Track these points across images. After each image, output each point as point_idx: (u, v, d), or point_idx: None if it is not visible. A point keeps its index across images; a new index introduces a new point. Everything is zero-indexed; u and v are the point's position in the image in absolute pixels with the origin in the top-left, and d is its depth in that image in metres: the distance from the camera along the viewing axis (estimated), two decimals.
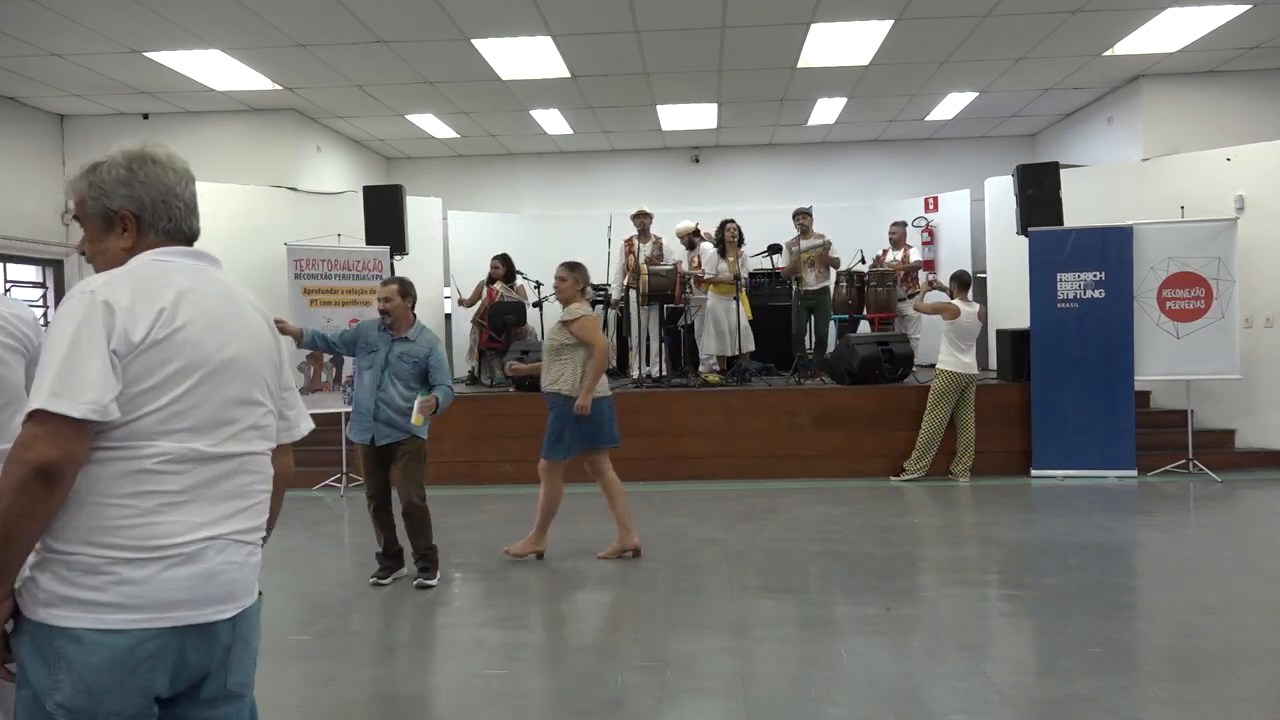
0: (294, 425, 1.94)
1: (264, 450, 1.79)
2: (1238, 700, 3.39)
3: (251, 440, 1.75)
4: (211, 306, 1.71)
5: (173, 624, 1.58)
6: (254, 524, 1.75)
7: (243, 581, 1.71)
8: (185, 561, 1.60)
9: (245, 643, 1.73)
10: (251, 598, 1.75)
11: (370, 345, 5.20)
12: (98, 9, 7.10)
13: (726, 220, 9.46)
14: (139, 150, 1.79)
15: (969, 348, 7.92)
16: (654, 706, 3.47)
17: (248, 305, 1.83)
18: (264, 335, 1.84)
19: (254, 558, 1.75)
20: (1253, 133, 9.31)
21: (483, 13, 7.38)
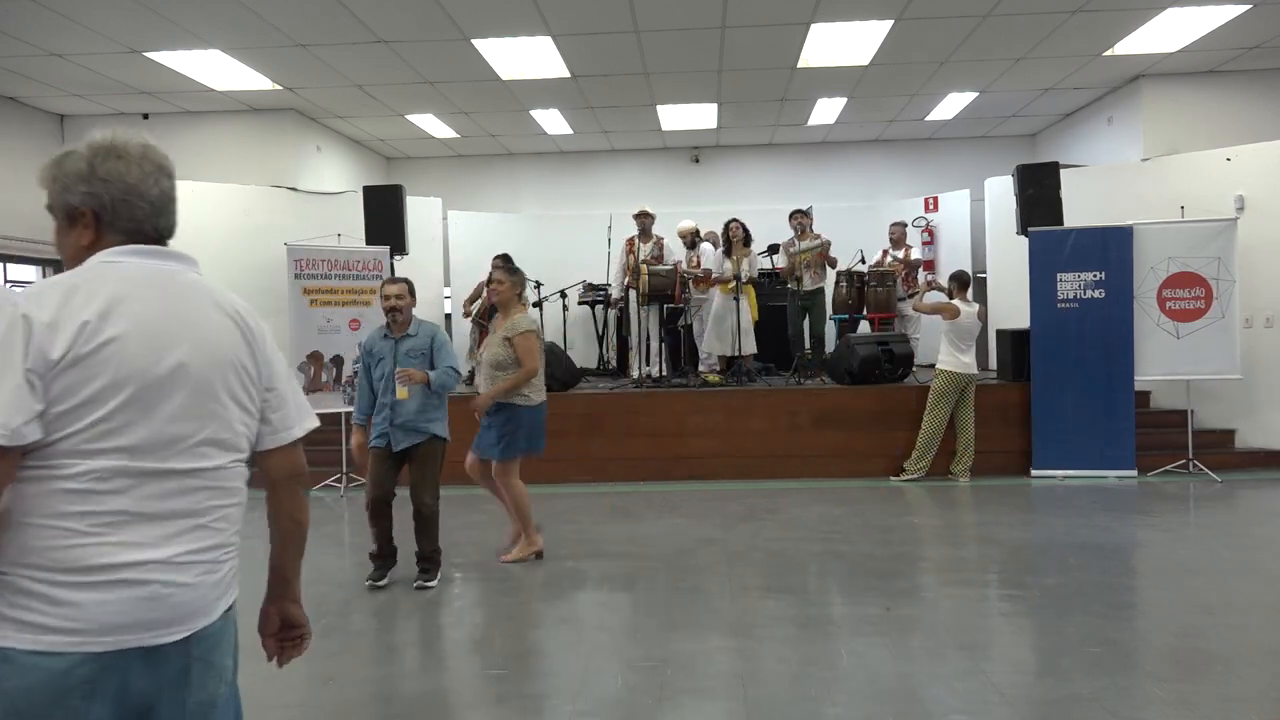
0: (281, 428, 1.80)
1: (225, 463, 1.67)
2: (1238, 700, 3.39)
3: (208, 454, 1.63)
4: (152, 313, 1.60)
5: (111, 648, 1.50)
6: (211, 542, 1.63)
7: (196, 603, 1.60)
8: (125, 584, 1.51)
9: (207, 663, 1.64)
10: (210, 617, 1.64)
11: (378, 356, 5.18)
12: (98, 9, 7.10)
13: (730, 220, 9.46)
14: (106, 143, 1.67)
15: (969, 348, 7.92)
16: (654, 706, 3.47)
17: (209, 307, 1.70)
18: (224, 338, 1.70)
19: (213, 575, 1.64)
20: (1253, 133, 9.31)
21: (483, 13, 7.38)
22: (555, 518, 6.93)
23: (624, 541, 6.15)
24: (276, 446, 1.80)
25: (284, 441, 1.81)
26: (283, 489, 1.85)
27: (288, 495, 1.85)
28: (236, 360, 1.72)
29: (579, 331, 11.39)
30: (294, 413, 1.83)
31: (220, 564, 1.66)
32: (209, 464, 1.64)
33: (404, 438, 5.07)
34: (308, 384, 8.47)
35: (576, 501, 7.59)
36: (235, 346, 1.73)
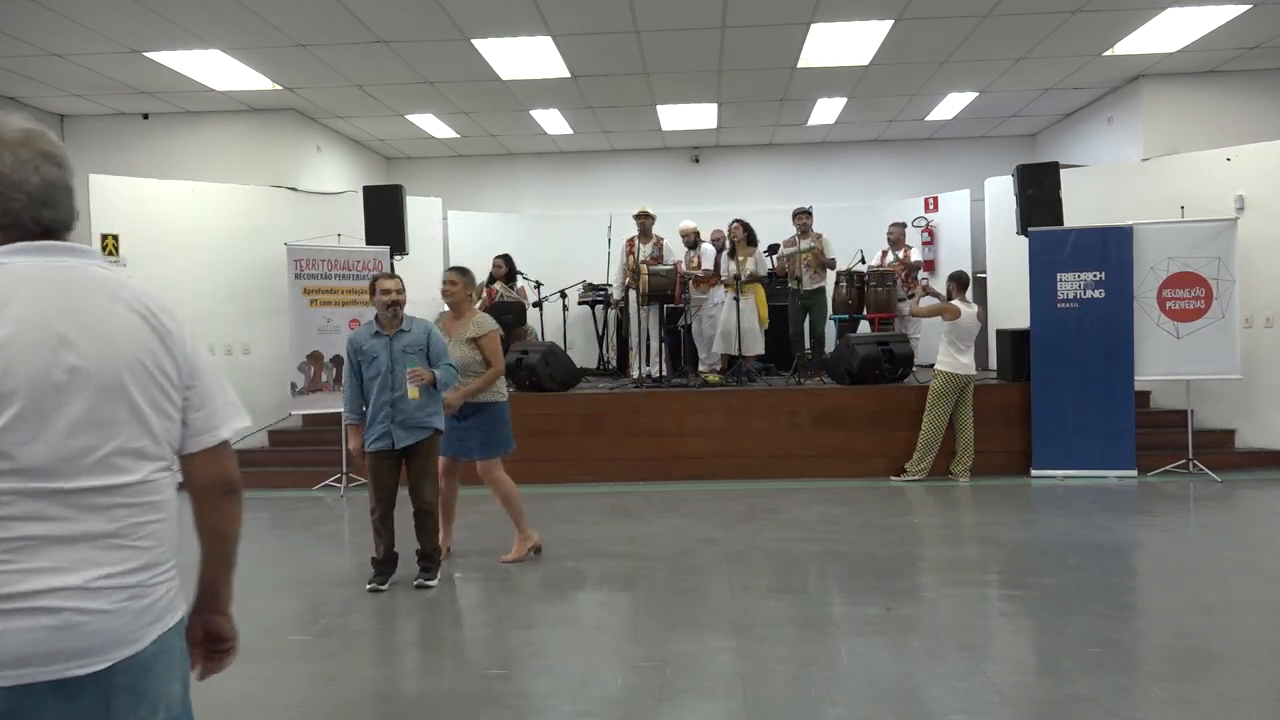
0: (202, 430, 1.63)
1: (147, 475, 1.52)
2: (1238, 700, 3.39)
3: (122, 467, 1.49)
4: (40, 315, 1.45)
5: (14, 682, 1.38)
6: (135, 564, 1.49)
7: (117, 631, 1.46)
8: (32, 613, 1.39)
9: (135, 693, 1.49)
10: (135, 646, 1.49)
11: (370, 354, 5.12)
12: (98, 9, 7.10)
13: (733, 221, 9.46)
14: None
15: (968, 348, 7.93)
16: (654, 706, 3.47)
17: (111, 302, 1.53)
18: (128, 335, 1.53)
19: (140, 601, 1.49)
20: (1253, 133, 9.31)
21: (483, 13, 7.38)
22: (555, 518, 6.93)
23: (624, 541, 6.15)
24: (197, 451, 1.62)
25: (205, 445, 1.63)
26: (204, 499, 1.67)
27: (210, 506, 1.68)
28: (146, 359, 1.54)
29: (579, 331, 11.39)
30: (218, 413, 1.65)
31: (149, 587, 1.52)
32: (126, 479, 1.49)
33: (406, 435, 5.05)
34: (307, 384, 8.47)
35: (576, 501, 7.59)
36: (143, 344, 1.54)
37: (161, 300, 1.62)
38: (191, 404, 1.62)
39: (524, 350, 8.90)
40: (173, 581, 1.58)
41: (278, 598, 5.08)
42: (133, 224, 8.67)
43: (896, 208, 11.71)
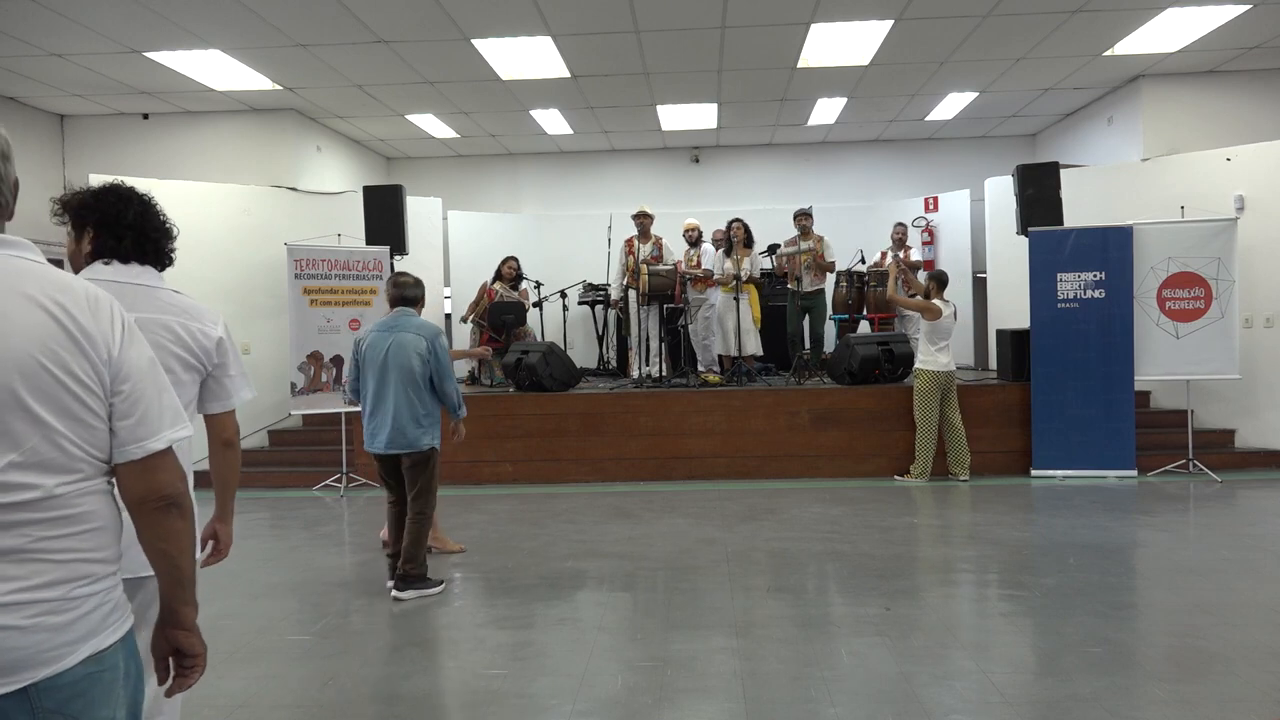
0: (128, 440, 1.49)
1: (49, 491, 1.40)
2: (1238, 700, 3.39)
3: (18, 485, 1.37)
4: None
5: None
6: (50, 578, 1.38)
7: (31, 648, 1.36)
8: None
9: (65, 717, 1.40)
10: (57, 665, 1.39)
11: None
12: (98, 9, 7.10)
13: (733, 220, 9.47)
14: None
15: (946, 346, 7.96)
16: (654, 706, 3.47)
17: (17, 298, 1.40)
18: (24, 333, 1.39)
19: (59, 616, 1.38)
20: (1253, 133, 9.32)
21: (483, 13, 7.38)
22: (555, 518, 6.94)
23: (624, 541, 6.15)
24: (123, 462, 1.49)
25: (131, 456, 1.49)
26: (137, 514, 1.53)
27: (144, 522, 1.54)
28: (46, 359, 1.40)
29: (579, 331, 11.40)
30: (149, 421, 1.51)
31: (70, 601, 1.41)
32: (26, 496, 1.37)
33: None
34: (307, 384, 8.47)
35: (576, 501, 7.59)
36: (42, 343, 1.40)
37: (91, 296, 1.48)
38: (117, 411, 1.48)
39: (524, 350, 8.90)
40: (106, 596, 1.46)
41: (278, 598, 5.08)
42: None
43: (896, 208, 11.71)
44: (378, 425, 5.00)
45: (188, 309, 2.36)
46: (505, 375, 9.22)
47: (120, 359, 1.49)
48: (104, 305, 1.50)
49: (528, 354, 8.83)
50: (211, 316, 2.41)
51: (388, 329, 5.05)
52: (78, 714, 1.40)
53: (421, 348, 5.00)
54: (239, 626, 4.56)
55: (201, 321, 2.36)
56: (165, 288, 2.36)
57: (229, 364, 2.41)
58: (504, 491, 8.13)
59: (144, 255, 2.34)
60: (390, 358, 4.97)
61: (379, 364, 4.98)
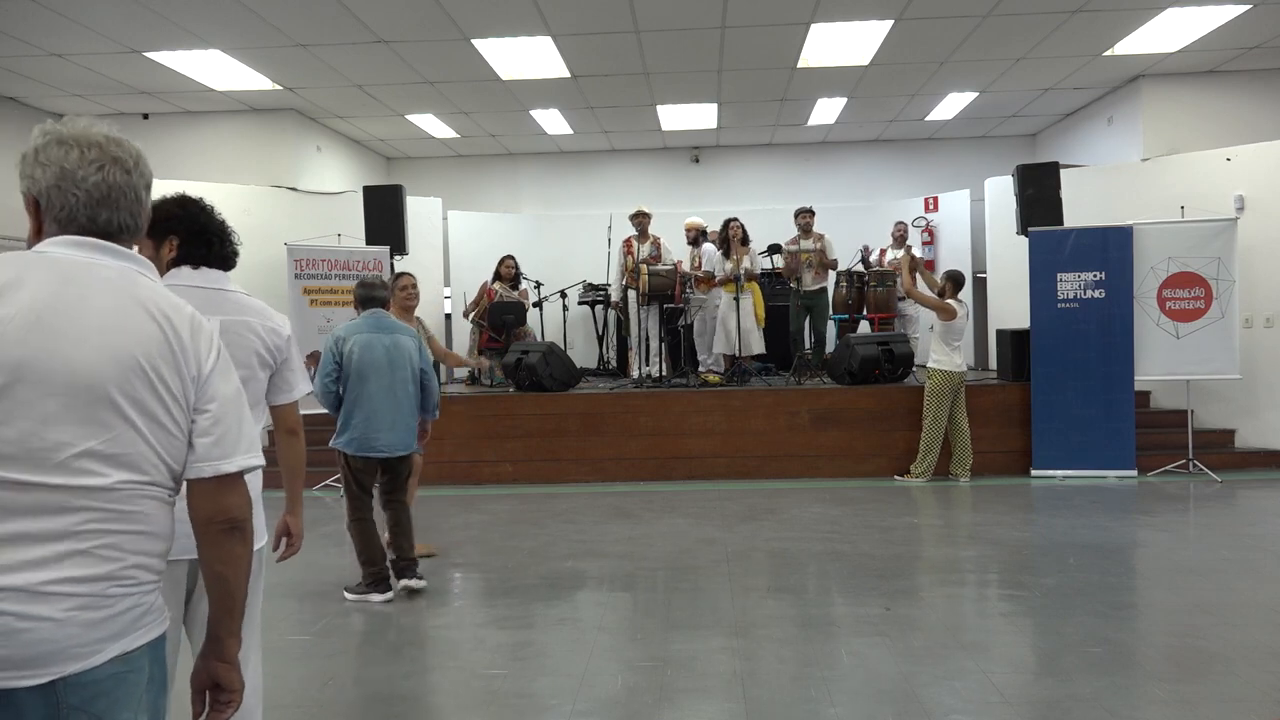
0: (202, 458, 1.53)
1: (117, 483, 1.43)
2: (1238, 700, 3.39)
3: (91, 470, 1.40)
4: (45, 301, 1.42)
5: None
6: (94, 572, 1.39)
7: (63, 641, 1.35)
8: None
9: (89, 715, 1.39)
10: (87, 661, 1.38)
11: None
12: (97, 9, 7.10)
13: (730, 219, 9.48)
14: (57, 129, 1.54)
15: (959, 346, 7.95)
16: (654, 706, 3.47)
17: (129, 303, 1.49)
18: (135, 338, 1.47)
19: (93, 613, 1.38)
20: (1253, 133, 9.32)
21: (483, 13, 7.38)
22: (555, 518, 6.94)
23: (624, 541, 6.15)
24: (194, 479, 1.54)
25: (202, 474, 1.54)
26: (201, 533, 1.57)
27: (206, 542, 1.57)
28: (146, 364, 1.47)
29: (579, 331, 11.40)
30: (225, 444, 1.55)
31: (110, 599, 1.41)
32: (92, 481, 1.40)
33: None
34: None
35: (576, 501, 7.59)
36: (149, 350, 1.48)
37: (191, 315, 1.57)
38: (199, 428, 1.54)
39: (524, 350, 8.90)
40: (143, 598, 1.47)
41: (278, 598, 5.08)
42: None
43: (896, 208, 11.72)
44: (376, 427, 4.85)
45: (260, 309, 2.53)
46: (505, 375, 9.22)
47: (209, 380, 1.56)
48: (204, 331, 1.59)
49: (528, 354, 8.83)
50: (280, 316, 2.59)
51: (377, 330, 4.90)
52: (101, 713, 1.40)
53: (415, 348, 4.99)
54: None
55: (273, 320, 2.54)
56: (237, 290, 2.51)
57: (293, 358, 2.58)
58: (504, 491, 8.13)
59: (227, 262, 2.52)
60: (393, 359, 4.88)
61: (378, 366, 4.84)
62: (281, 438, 2.63)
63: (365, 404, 4.86)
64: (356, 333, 4.89)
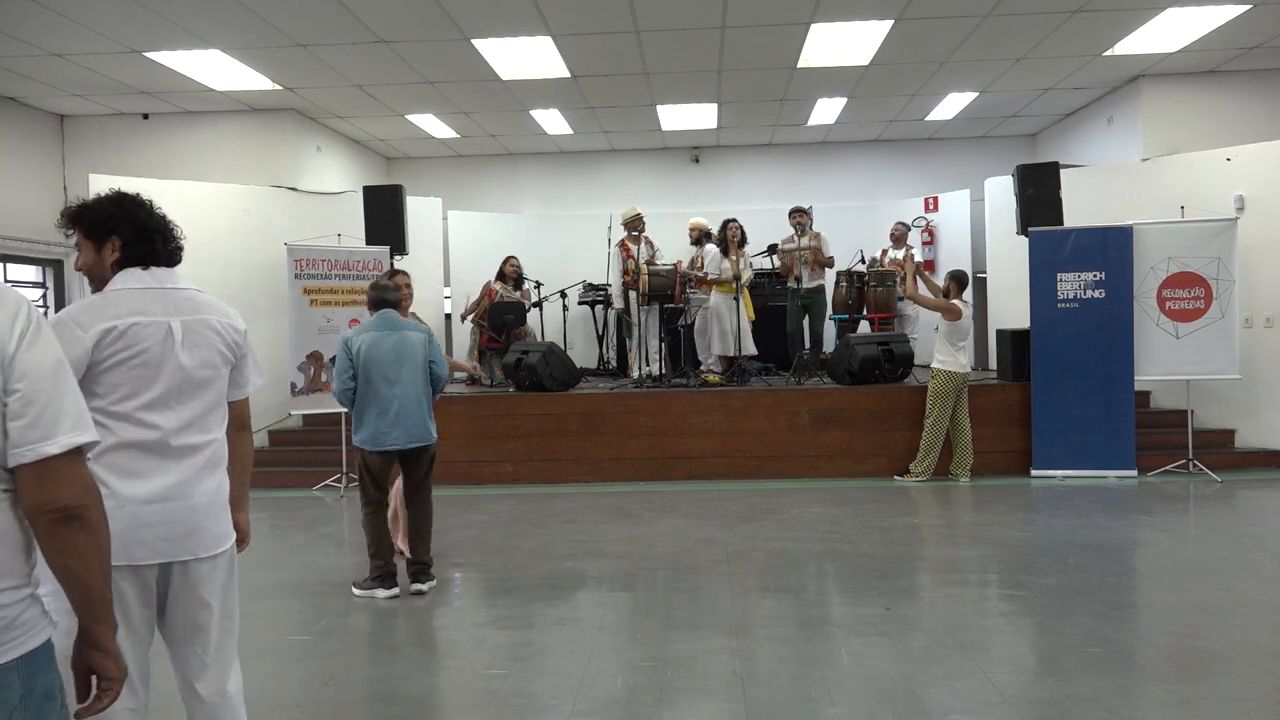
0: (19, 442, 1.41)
1: None
2: (1238, 700, 3.39)
3: None
4: None
5: None
6: None
7: None
8: None
9: None
10: None
11: None
12: (98, 9, 7.10)
13: (729, 220, 9.49)
14: None
15: (965, 347, 7.94)
16: (654, 706, 3.47)
17: None
18: None
19: None
20: (1253, 133, 9.31)
21: (483, 13, 7.38)
22: (555, 518, 6.94)
23: (624, 541, 6.15)
24: (14, 466, 1.41)
25: (22, 460, 1.40)
26: (35, 526, 1.45)
27: (42, 534, 1.45)
28: None
29: (579, 331, 11.40)
30: (42, 424, 1.42)
31: None
32: None
33: None
34: (307, 384, 8.47)
35: (576, 501, 7.59)
36: None
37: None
38: (10, 412, 1.40)
39: (524, 350, 8.90)
40: (4, 611, 1.39)
41: (278, 598, 5.08)
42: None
43: (896, 208, 11.71)
44: (391, 422, 4.94)
45: (215, 306, 2.46)
46: (505, 375, 9.22)
47: (16, 358, 1.42)
48: (5, 304, 1.43)
49: (528, 354, 8.83)
50: (233, 310, 2.54)
51: (385, 329, 5.03)
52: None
53: (423, 341, 5.08)
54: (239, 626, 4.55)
55: (228, 316, 2.48)
56: (190, 287, 2.42)
57: (248, 353, 2.54)
58: (504, 491, 8.13)
59: (173, 258, 2.41)
60: (404, 355, 4.99)
61: (390, 362, 4.96)
62: (232, 433, 2.53)
63: (377, 400, 4.98)
64: (364, 332, 5.05)
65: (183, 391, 2.31)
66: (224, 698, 2.44)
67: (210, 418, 2.38)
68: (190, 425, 2.32)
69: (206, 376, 2.37)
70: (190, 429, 2.32)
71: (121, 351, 2.21)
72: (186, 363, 2.31)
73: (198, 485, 2.31)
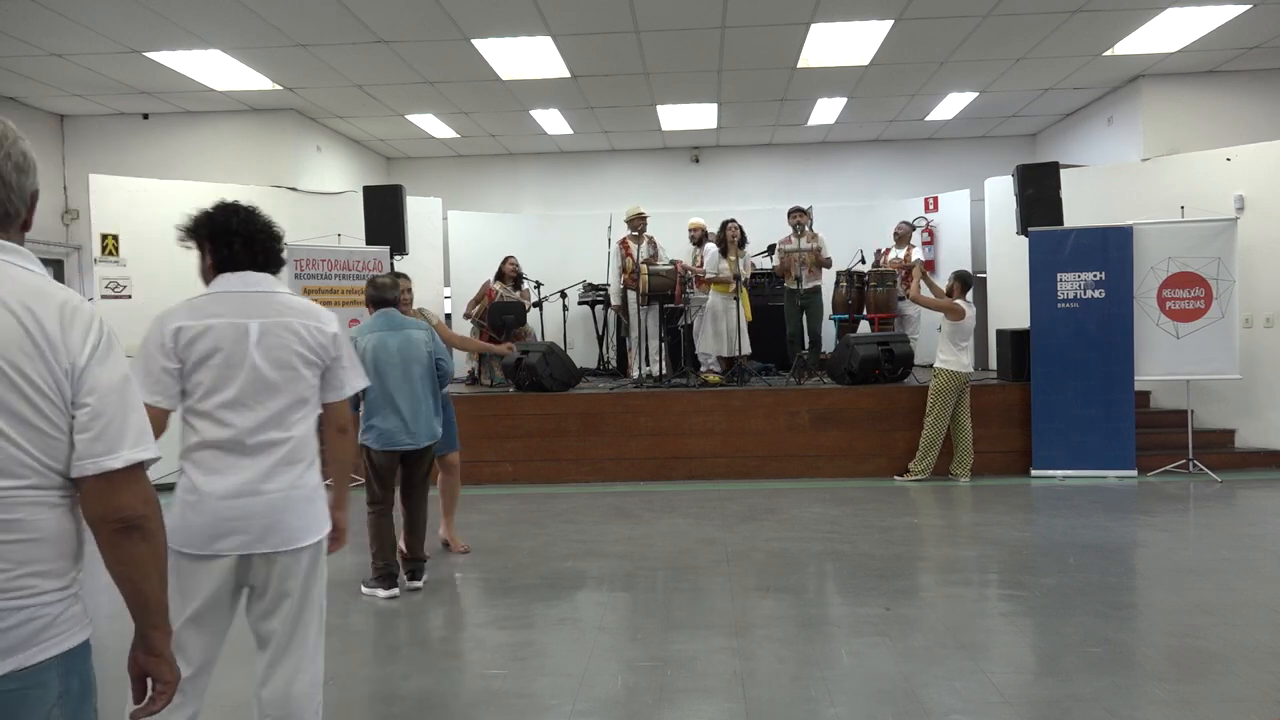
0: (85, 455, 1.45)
1: None
2: (1238, 700, 3.39)
3: None
4: None
5: None
6: None
7: None
8: None
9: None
10: None
11: None
12: (98, 9, 7.10)
13: (728, 220, 9.49)
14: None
15: (968, 347, 7.94)
16: (654, 706, 3.47)
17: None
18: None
19: None
20: (1253, 133, 9.31)
21: (483, 13, 7.38)
22: (555, 518, 6.94)
23: (624, 541, 6.15)
24: (79, 477, 1.46)
25: (86, 472, 1.44)
26: (96, 534, 1.50)
27: (103, 543, 1.50)
28: (5, 363, 1.39)
29: (579, 331, 11.39)
30: (108, 438, 1.46)
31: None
32: None
33: None
34: None
35: (576, 501, 7.59)
36: (6, 346, 1.40)
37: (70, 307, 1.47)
38: (78, 424, 1.44)
39: (524, 350, 8.90)
40: (42, 609, 1.41)
41: None
42: (132, 224, 8.66)
43: (896, 208, 11.71)
44: (401, 422, 4.94)
45: (305, 309, 2.57)
46: (505, 375, 9.22)
47: (86, 372, 1.46)
48: (80, 318, 1.46)
49: (528, 354, 8.83)
50: (327, 315, 2.62)
51: (388, 328, 5.03)
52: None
53: (425, 339, 5.09)
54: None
55: (319, 320, 2.56)
56: (282, 291, 2.55)
57: (343, 356, 2.62)
58: (504, 491, 8.13)
59: (256, 262, 2.54)
60: (410, 354, 5.00)
61: (394, 362, 4.95)
62: (330, 435, 2.65)
63: (384, 400, 4.97)
64: (369, 332, 5.04)
65: (259, 390, 2.41)
66: (288, 697, 2.49)
67: (289, 416, 2.46)
68: (267, 424, 2.42)
69: (284, 376, 2.46)
70: (267, 427, 2.41)
71: (199, 351, 2.36)
72: (261, 363, 2.41)
73: (272, 481, 2.40)
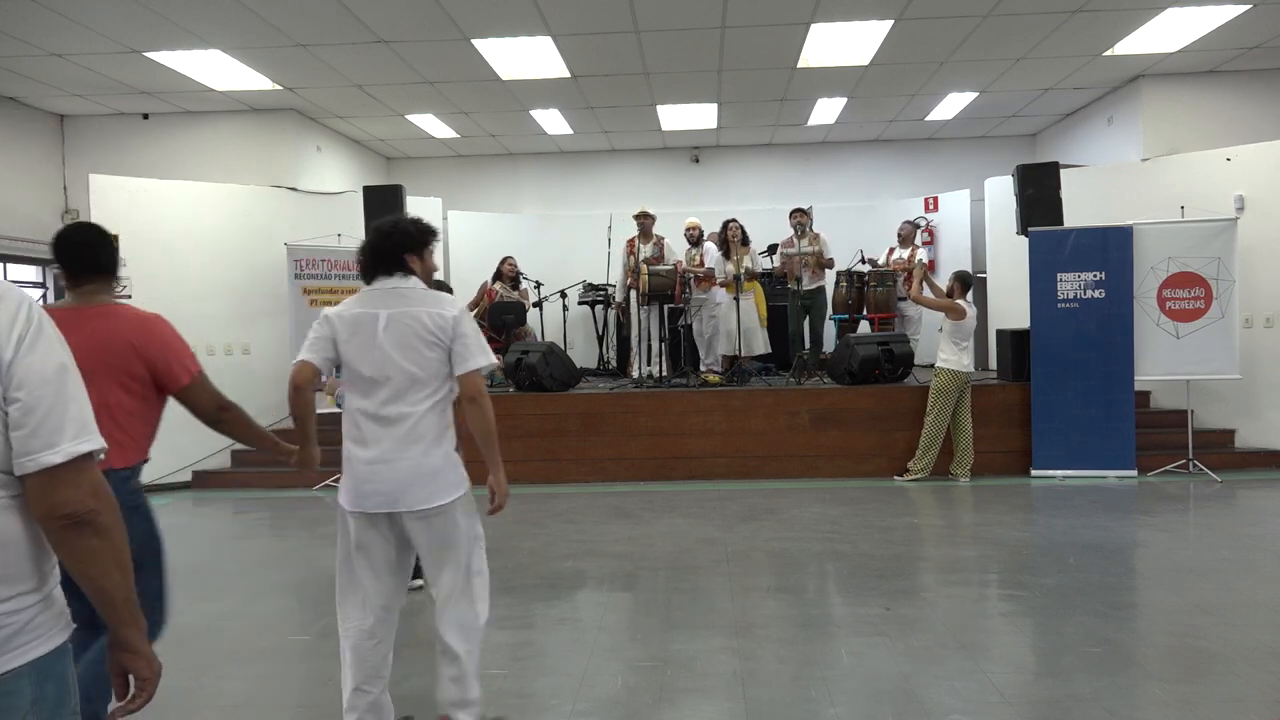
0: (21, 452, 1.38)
1: None
2: (1238, 700, 3.39)
3: None
4: None
5: None
6: None
7: None
8: None
9: None
10: None
11: None
12: (98, 9, 7.10)
13: (729, 220, 9.49)
14: None
15: (969, 347, 7.94)
16: (654, 706, 3.47)
17: None
18: None
19: None
20: (1253, 133, 9.31)
21: (483, 13, 7.38)
22: (555, 518, 6.94)
23: (624, 541, 6.15)
24: (20, 475, 1.38)
25: (25, 470, 1.37)
26: (46, 533, 1.43)
27: (54, 542, 1.44)
28: None
29: (579, 331, 11.40)
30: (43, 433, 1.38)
31: None
32: None
33: None
34: None
35: (576, 501, 7.59)
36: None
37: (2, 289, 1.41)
38: (13, 421, 1.37)
39: (524, 350, 8.90)
40: (8, 620, 1.37)
41: (278, 598, 5.08)
42: (133, 224, 8.66)
43: (897, 208, 11.71)
44: None
45: (431, 299, 2.98)
46: (505, 375, 9.23)
47: (15, 364, 1.37)
48: (4, 306, 1.39)
49: (528, 354, 8.83)
50: (450, 301, 3.02)
51: None
52: None
53: None
54: (239, 626, 4.56)
55: (440, 306, 2.96)
56: (415, 288, 3.00)
57: (465, 335, 2.96)
58: None
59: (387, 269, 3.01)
60: None
61: None
62: (465, 405, 2.99)
63: None
64: None
65: (385, 369, 2.90)
66: (447, 629, 3.14)
67: (413, 393, 2.92)
68: (394, 399, 2.92)
69: (407, 357, 2.89)
70: (394, 401, 2.92)
71: (345, 335, 2.94)
72: (387, 345, 2.89)
73: (402, 453, 2.96)
